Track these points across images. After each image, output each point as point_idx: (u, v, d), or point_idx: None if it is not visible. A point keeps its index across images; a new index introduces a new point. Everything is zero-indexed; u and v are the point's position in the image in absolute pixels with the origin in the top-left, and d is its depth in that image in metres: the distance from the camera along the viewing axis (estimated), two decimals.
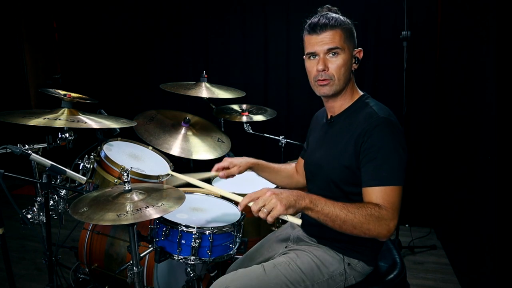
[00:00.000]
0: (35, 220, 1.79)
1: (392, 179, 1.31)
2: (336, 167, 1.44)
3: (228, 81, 3.08)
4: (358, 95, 1.52)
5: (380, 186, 1.31)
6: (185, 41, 3.90)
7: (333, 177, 1.46)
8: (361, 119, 1.41)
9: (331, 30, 1.41)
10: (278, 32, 3.59)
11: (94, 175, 2.05)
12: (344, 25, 1.43)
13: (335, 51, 1.42)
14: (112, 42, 4.15)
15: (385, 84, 3.33)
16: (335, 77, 1.43)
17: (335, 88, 1.45)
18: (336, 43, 1.41)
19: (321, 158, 1.54)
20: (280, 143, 2.78)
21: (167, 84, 2.52)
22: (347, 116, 1.50)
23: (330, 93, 1.46)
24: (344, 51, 1.42)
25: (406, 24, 2.78)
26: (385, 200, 1.29)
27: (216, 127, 2.66)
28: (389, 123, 1.36)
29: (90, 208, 1.48)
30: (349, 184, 1.43)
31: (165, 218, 1.72)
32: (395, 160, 1.32)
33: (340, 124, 1.51)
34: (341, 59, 1.42)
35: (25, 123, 1.63)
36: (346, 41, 1.43)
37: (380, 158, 1.32)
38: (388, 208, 1.28)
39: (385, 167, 1.31)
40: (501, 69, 1.92)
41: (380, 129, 1.34)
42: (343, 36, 1.42)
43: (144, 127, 2.36)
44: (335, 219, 1.25)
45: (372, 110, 1.41)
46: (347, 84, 1.49)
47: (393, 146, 1.33)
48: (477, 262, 2.25)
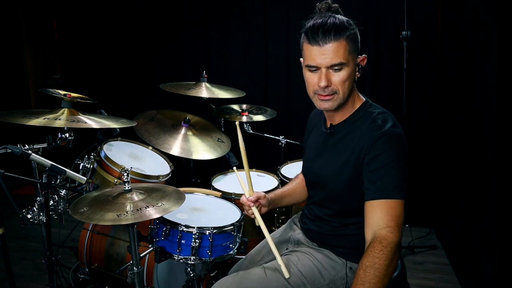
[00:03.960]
0: (35, 220, 1.79)
1: (396, 193, 1.26)
2: (339, 182, 1.39)
3: (228, 81, 3.08)
4: (360, 102, 1.44)
5: (384, 199, 1.26)
6: (185, 41, 3.90)
7: (335, 191, 1.42)
8: (365, 131, 1.35)
9: (335, 41, 1.28)
10: (278, 32, 3.58)
11: (94, 175, 2.05)
12: (348, 31, 1.31)
13: (339, 67, 1.31)
14: (112, 42, 4.15)
15: (385, 84, 3.32)
16: (339, 91, 1.34)
17: (339, 102, 1.36)
18: (340, 58, 1.29)
19: (321, 169, 1.48)
20: (280, 143, 2.78)
21: (167, 84, 2.52)
22: (349, 126, 1.42)
23: (333, 108, 1.37)
24: (348, 64, 1.32)
25: (406, 24, 2.78)
26: (390, 214, 1.24)
27: (216, 127, 2.66)
28: (394, 135, 1.30)
29: (90, 208, 1.48)
30: (351, 198, 1.39)
31: (165, 218, 1.72)
32: (399, 174, 1.28)
33: (341, 134, 1.44)
34: (346, 73, 1.32)
35: (25, 123, 1.63)
36: (350, 53, 1.32)
37: (384, 171, 1.27)
38: (393, 226, 1.23)
39: (390, 181, 1.27)
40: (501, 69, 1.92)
41: (384, 142, 1.29)
42: (347, 48, 1.30)
43: (144, 127, 2.36)
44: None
45: (376, 121, 1.35)
46: (350, 95, 1.40)
47: (397, 160, 1.28)
48: (477, 262, 2.25)
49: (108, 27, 4.15)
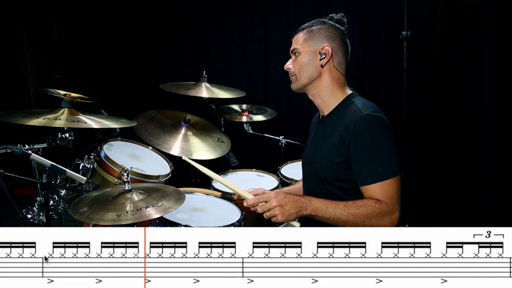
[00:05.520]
0: (35, 220, 1.78)
1: (387, 173, 1.35)
2: (324, 163, 1.49)
3: (228, 81, 3.08)
4: (345, 94, 1.57)
5: (377, 183, 1.35)
6: (185, 41, 3.90)
7: (322, 173, 1.51)
8: (346, 117, 1.46)
9: (295, 34, 1.58)
10: (278, 32, 3.58)
11: (94, 175, 2.05)
12: (306, 28, 1.55)
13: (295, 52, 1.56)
14: (112, 42, 4.15)
15: (385, 84, 3.32)
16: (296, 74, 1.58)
17: (297, 85, 1.58)
18: (295, 45, 1.57)
19: (312, 156, 1.61)
20: (280, 143, 2.78)
21: (167, 84, 2.52)
22: (335, 115, 1.55)
23: (295, 89, 1.61)
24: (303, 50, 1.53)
25: (406, 24, 2.77)
26: (384, 195, 1.34)
27: (216, 127, 2.66)
28: (373, 118, 1.40)
29: (90, 208, 1.49)
30: (338, 180, 1.47)
31: (165, 218, 1.72)
32: (386, 153, 1.37)
33: (329, 123, 1.57)
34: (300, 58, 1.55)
35: (25, 123, 1.63)
36: (307, 41, 1.53)
37: (371, 154, 1.36)
38: (388, 202, 1.33)
39: (378, 163, 1.36)
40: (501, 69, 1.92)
41: (365, 127, 1.38)
42: (303, 38, 1.54)
43: (144, 127, 2.36)
44: (338, 221, 1.33)
45: (356, 108, 1.46)
46: (314, 81, 1.55)
47: (381, 140, 1.38)
48: None
49: (108, 27, 4.15)
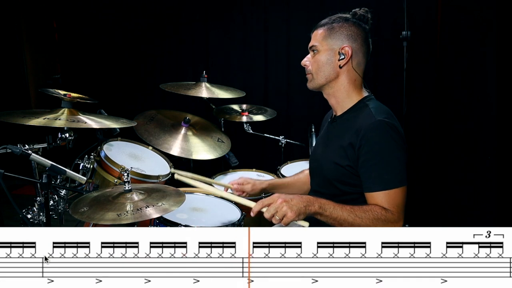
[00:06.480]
0: (35, 220, 1.78)
1: (394, 182, 1.33)
2: (330, 164, 1.48)
3: (228, 81, 3.08)
4: (360, 96, 1.53)
5: (383, 191, 1.33)
6: (185, 41, 3.90)
7: (327, 174, 1.50)
8: (359, 121, 1.43)
9: (315, 30, 1.52)
10: (278, 32, 3.58)
11: (94, 175, 2.05)
12: (327, 24, 1.50)
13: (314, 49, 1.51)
14: (112, 42, 4.15)
15: (385, 84, 3.32)
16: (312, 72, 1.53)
17: (313, 84, 1.54)
18: (314, 42, 1.51)
19: (320, 154, 1.59)
20: (280, 143, 2.78)
21: (167, 84, 2.52)
22: (348, 116, 1.52)
23: (311, 88, 1.56)
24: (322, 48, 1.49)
25: (406, 24, 2.77)
26: (390, 204, 1.32)
27: (216, 127, 2.66)
28: (385, 124, 1.37)
29: (90, 208, 1.49)
30: (341, 182, 1.46)
31: (165, 218, 1.71)
32: (394, 162, 1.34)
33: (340, 124, 1.54)
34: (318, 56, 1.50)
35: (25, 123, 1.63)
36: (326, 39, 1.48)
37: (380, 162, 1.34)
38: (394, 211, 1.31)
39: (386, 171, 1.33)
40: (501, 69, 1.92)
41: (376, 133, 1.36)
42: (323, 35, 1.49)
43: (144, 127, 2.36)
44: (343, 222, 1.30)
45: (369, 112, 1.42)
46: (331, 81, 1.51)
47: (391, 148, 1.35)
48: None
49: (108, 27, 4.15)
